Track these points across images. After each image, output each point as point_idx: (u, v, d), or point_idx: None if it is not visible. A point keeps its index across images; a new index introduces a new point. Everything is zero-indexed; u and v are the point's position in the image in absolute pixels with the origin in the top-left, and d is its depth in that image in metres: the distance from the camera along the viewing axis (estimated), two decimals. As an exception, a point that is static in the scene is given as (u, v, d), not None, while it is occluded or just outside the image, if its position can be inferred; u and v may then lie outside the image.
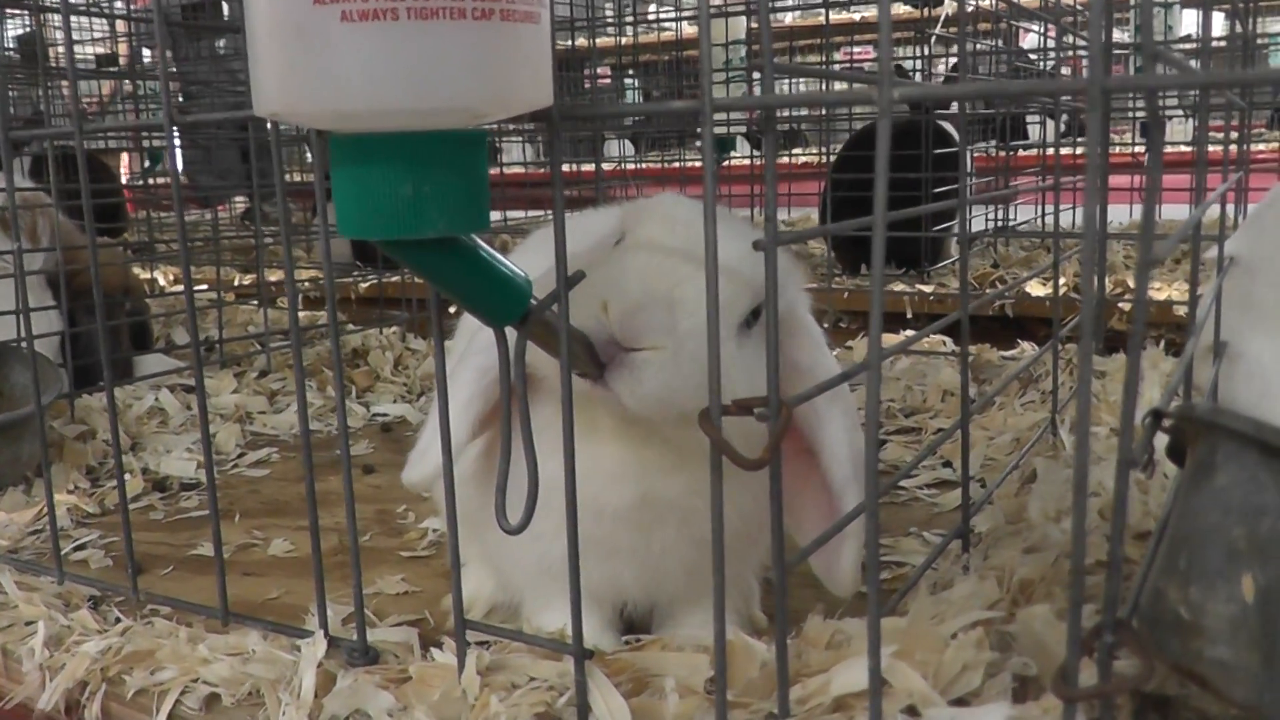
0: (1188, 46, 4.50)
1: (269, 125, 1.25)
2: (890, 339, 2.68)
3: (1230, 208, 2.40)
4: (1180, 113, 4.65)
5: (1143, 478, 1.51)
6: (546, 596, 1.26)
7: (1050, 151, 4.31)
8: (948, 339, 2.69)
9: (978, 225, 3.95)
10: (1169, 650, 0.83)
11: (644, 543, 1.16)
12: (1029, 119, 5.94)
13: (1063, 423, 1.91)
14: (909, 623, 1.02)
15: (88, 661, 1.27)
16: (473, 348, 1.20)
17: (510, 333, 0.98)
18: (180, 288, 3.91)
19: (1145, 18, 0.89)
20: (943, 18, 4.07)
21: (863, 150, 3.62)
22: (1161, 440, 0.99)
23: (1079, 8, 3.45)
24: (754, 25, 4.64)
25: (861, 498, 1.06)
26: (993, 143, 4.37)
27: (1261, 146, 5.28)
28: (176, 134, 1.31)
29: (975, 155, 4.41)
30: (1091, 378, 0.79)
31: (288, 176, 4.79)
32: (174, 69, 4.97)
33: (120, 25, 5.19)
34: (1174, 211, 4.09)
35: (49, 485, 1.54)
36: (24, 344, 1.71)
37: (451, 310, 1.35)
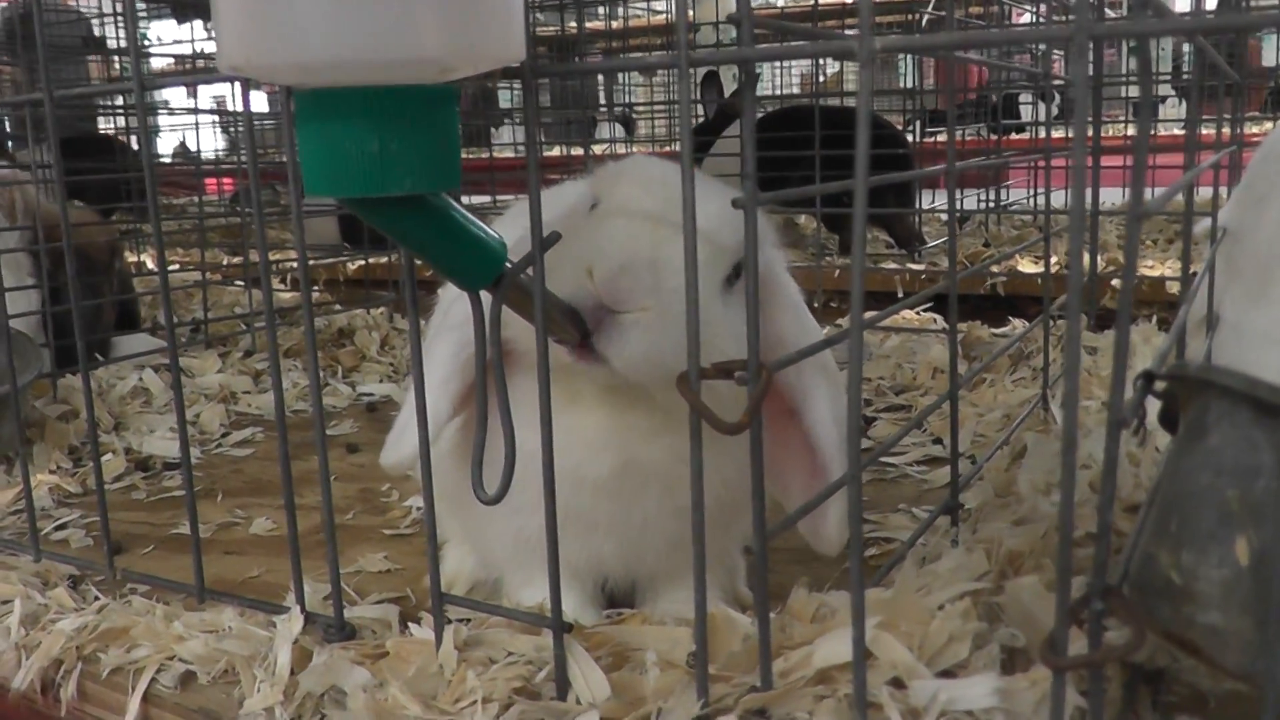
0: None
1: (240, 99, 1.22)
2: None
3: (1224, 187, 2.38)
4: (1174, 93, 4.63)
5: (1135, 450, 1.49)
6: (527, 572, 1.24)
7: (1042, 134, 4.30)
8: (938, 317, 2.67)
9: (969, 205, 3.95)
10: (1159, 617, 0.81)
11: (625, 514, 1.14)
12: (1022, 100, 5.92)
13: (1054, 398, 1.88)
14: (894, 594, 1.00)
15: (63, 640, 1.25)
16: (447, 322, 1.18)
17: (485, 298, 0.95)
18: (172, 269, 3.89)
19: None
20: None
21: (771, 131, 3.56)
22: (1154, 409, 0.97)
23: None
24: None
25: (846, 462, 1.04)
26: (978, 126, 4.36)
27: (1255, 129, 5.25)
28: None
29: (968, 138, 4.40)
30: (1080, 341, 0.77)
31: (282, 158, 4.75)
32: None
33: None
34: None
35: (24, 463, 1.51)
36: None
37: (440, 292, 1.33)
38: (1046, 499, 1.35)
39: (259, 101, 5.79)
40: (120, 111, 5.24)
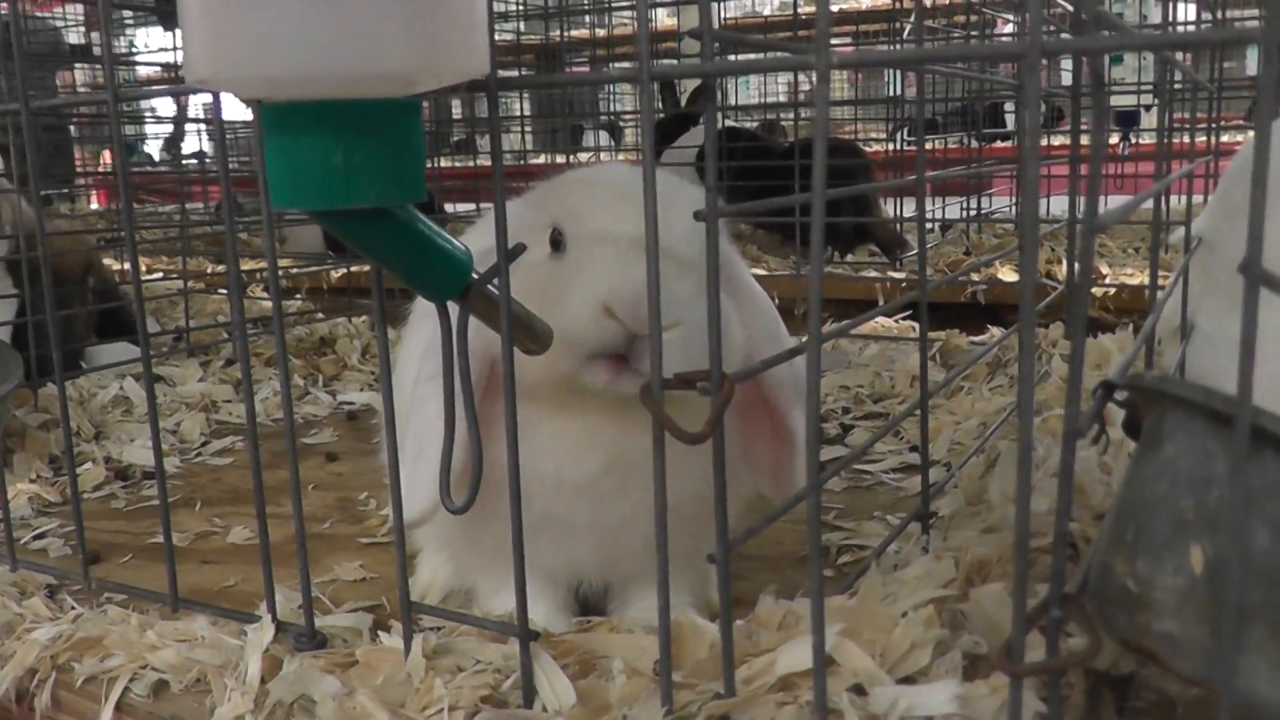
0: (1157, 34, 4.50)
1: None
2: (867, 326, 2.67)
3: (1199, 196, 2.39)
4: (1155, 102, 4.64)
5: (1106, 459, 1.51)
6: (499, 580, 1.24)
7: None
8: (916, 325, 2.68)
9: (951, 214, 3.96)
10: (1116, 625, 0.82)
11: (603, 516, 1.15)
12: (1007, 109, 5.94)
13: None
14: (858, 601, 1.01)
15: (37, 649, 1.25)
16: (432, 367, 1.16)
17: (453, 309, 0.96)
18: (151, 277, 3.89)
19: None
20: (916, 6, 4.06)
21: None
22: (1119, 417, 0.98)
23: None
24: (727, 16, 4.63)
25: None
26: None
27: (1240, 138, 5.28)
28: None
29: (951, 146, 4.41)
30: (1033, 351, 0.78)
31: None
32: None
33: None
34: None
35: (0, 474, 1.51)
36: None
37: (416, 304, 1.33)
38: (1015, 507, 1.36)
39: (239, 110, 5.79)
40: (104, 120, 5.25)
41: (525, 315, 0.97)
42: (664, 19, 5.15)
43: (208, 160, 5.33)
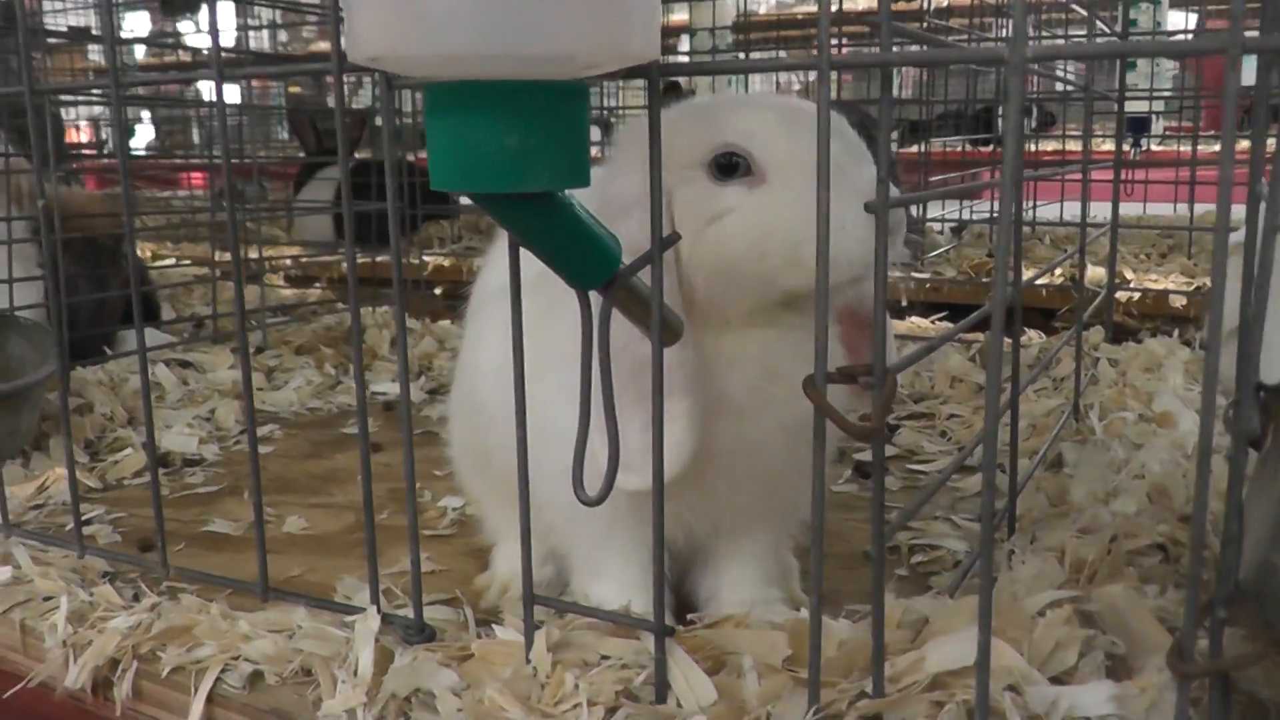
0: (1173, 43, 4.53)
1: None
2: (895, 325, 2.66)
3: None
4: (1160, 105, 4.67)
5: (1183, 462, 1.51)
6: (597, 564, 1.22)
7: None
8: (950, 326, 2.68)
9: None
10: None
11: (744, 437, 1.11)
12: (1001, 114, 5.95)
13: (1092, 408, 1.89)
14: (993, 601, 1.00)
15: (118, 638, 1.22)
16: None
17: (595, 297, 0.94)
18: (163, 263, 3.84)
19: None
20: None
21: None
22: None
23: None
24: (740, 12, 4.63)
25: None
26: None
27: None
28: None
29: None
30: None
31: (261, 154, 4.70)
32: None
33: None
34: (1160, 209, 4.14)
35: (69, 453, 1.49)
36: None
37: (436, 291, 1.31)
38: (1106, 508, 1.36)
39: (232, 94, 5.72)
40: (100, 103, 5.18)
41: (664, 307, 0.95)
42: (676, 15, 5.13)
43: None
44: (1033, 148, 4.97)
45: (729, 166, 1.04)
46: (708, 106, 1.11)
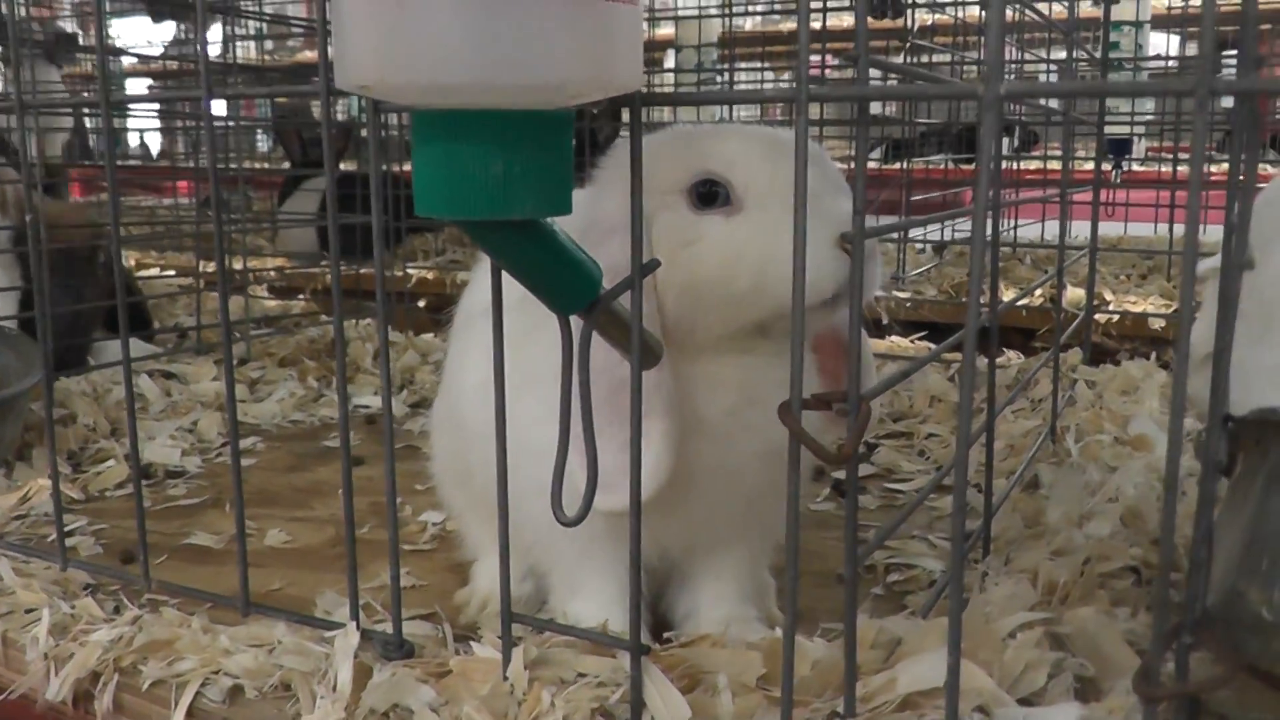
0: (1154, 66, 4.58)
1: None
2: (874, 344, 2.69)
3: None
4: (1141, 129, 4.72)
5: (1156, 484, 1.53)
6: (575, 581, 1.23)
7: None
8: (931, 345, 2.70)
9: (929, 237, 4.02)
10: (1247, 650, 0.84)
11: (724, 459, 1.13)
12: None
13: (1069, 430, 1.92)
14: (965, 622, 1.02)
15: (99, 651, 1.23)
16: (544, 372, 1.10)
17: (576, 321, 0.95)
18: (146, 273, 3.84)
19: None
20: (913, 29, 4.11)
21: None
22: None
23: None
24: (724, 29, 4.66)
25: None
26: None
27: (1213, 169, 5.37)
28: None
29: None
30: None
31: (245, 164, 4.71)
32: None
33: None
34: (1142, 229, 4.18)
35: (54, 464, 1.49)
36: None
37: (420, 304, 1.32)
38: (1080, 531, 1.38)
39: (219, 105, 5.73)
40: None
41: (644, 331, 0.97)
42: (662, 30, 5.16)
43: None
44: (1015, 166, 5.01)
45: (709, 196, 1.07)
46: (692, 133, 1.14)
